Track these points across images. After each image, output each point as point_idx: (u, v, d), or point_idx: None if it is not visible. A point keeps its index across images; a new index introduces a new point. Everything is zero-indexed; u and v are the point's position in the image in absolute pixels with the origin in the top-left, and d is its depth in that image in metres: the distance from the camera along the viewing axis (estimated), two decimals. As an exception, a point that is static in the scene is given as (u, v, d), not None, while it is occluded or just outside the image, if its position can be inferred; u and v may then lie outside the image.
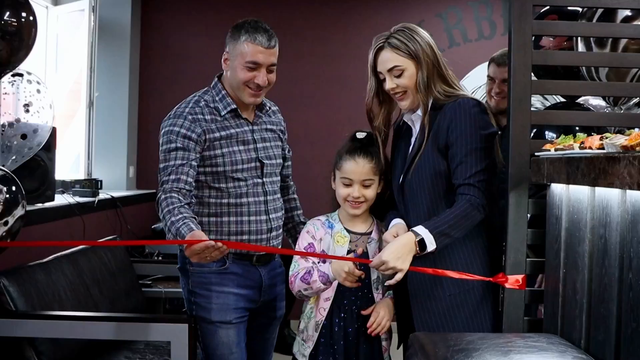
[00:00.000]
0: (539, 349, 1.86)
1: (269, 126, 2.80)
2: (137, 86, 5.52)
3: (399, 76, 2.42)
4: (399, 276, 2.30)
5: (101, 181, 4.56)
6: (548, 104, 3.57)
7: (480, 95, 5.16)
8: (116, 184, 5.25)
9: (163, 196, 2.51)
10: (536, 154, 2.21)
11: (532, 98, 2.36)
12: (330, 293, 2.54)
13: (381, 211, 2.62)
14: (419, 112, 2.47)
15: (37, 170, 3.55)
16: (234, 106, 2.67)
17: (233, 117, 2.68)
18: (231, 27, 2.66)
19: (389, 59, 2.42)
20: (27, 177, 3.46)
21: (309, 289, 2.48)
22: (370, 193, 2.54)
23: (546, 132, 2.87)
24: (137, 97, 5.54)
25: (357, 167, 2.53)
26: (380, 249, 2.51)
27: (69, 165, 5.04)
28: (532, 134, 2.81)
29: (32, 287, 2.91)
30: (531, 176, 2.25)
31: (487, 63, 3.53)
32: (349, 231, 2.59)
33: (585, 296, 1.96)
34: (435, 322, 2.41)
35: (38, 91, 2.97)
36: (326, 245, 2.57)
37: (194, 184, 2.59)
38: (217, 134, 2.62)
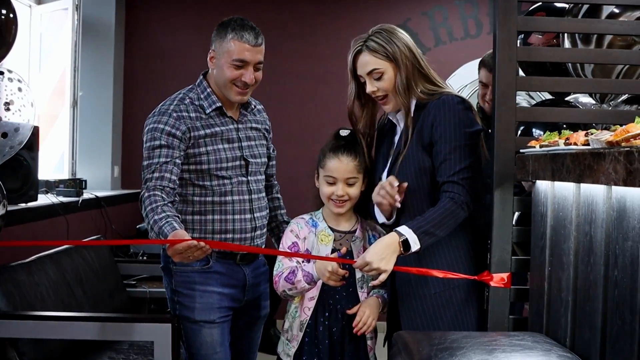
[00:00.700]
0: (524, 348, 1.84)
1: (254, 125, 2.78)
2: (121, 85, 5.48)
3: (378, 79, 2.40)
4: (383, 277, 2.27)
5: (85, 181, 4.52)
6: (534, 103, 3.56)
7: (466, 94, 5.16)
8: (101, 183, 5.21)
9: (146, 194, 2.49)
10: (521, 150, 2.20)
11: (519, 97, 2.34)
12: (314, 292, 2.51)
13: (365, 209, 2.60)
14: (403, 112, 2.45)
15: (19, 169, 3.51)
16: (219, 104, 2.65)
17: (218, 115, 2.66)
18: (217, 25, 2.63)
19: (367, 62, 2.40)
20: (10, 177, 3.43)
21: (293, 288, 2.46)
22: (354, 191, 2.52)
23: (534, 130, 2.86)
24: (122, 96, 5.50)
25: (341, 165, 2.50)
26: (364, 247, 2.50)
27: (53, 165, 5.00)
28: (519, 132, 2.81)
29: (14, 287, 2.88)
30: (516, 173, 2.23)
31: (472, 62, 3.53)
32: (333, 230, 2.56)
33: (570, 294, 1.95)
34: (420, 321, 2.39)
35: (19, 89, 2.93)
36: (310, 244, 2.54)
37: (177, 182, 2.57)
38: (201, 132, 2.60)
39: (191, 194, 2.64)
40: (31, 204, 3.64)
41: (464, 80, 5.32)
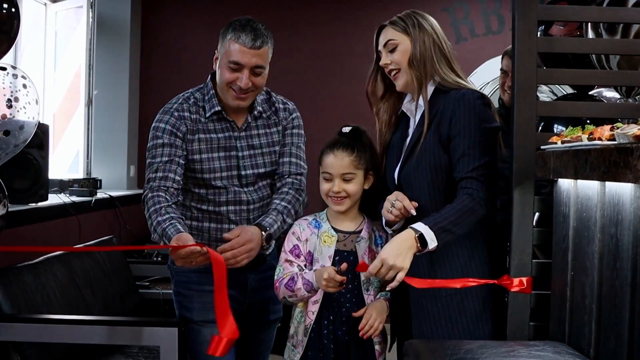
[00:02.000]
0: (544, 359, 1.73)
1: (261, 130, 2.64)
2: (137, 83, 5.44)
3: (392, 51, 2.37)
4: (400, 276, 2.13)
5: (100, 180, 4.49)
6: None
7: (488, 91, 5.07)
8: (117, 183, 5.18)
9: (150, 194, 2.45)
10: (542, 147, 2.09)
11: (542, 94, 2.23)
12: (318, 296, 2.44)
13: (373, 208, 2.50)
14: (420, 102, 2.36)
15: (29, 169, 3.47)
16: (217, 108, 2.54)
17: (218, 119, 2.56)
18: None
19: (385, 35, 2.40)
20: (19, 176, 3.39)
21: (293, 296, 2.40)
22: (352, 188, 2.44)
23: (555, 126, 2.76)
24: (138, 95, 5.46)
25: (336, 161, 2.44)
26: (370, 248, 2.43)
27: (68, 164, 4.97)
28: (540, 128, 2.70)
29: (19, 289, 2.84)
30: (537, 171, 2.12)
31: (494, 58, 3.46)
32: (336, 230, 2.48)
33: (594, 301, 1.85)
34: (432, 326, 2.29)
35: (24, 86, 2.86)
36: (312, 246, 2.47)
37: (181, 182, 2.51)
38: (196, 136, 2.52)
39: (189, 200, 2.59)
40: (41, 204, 3.59)
41: (486, 78, 5.24)
